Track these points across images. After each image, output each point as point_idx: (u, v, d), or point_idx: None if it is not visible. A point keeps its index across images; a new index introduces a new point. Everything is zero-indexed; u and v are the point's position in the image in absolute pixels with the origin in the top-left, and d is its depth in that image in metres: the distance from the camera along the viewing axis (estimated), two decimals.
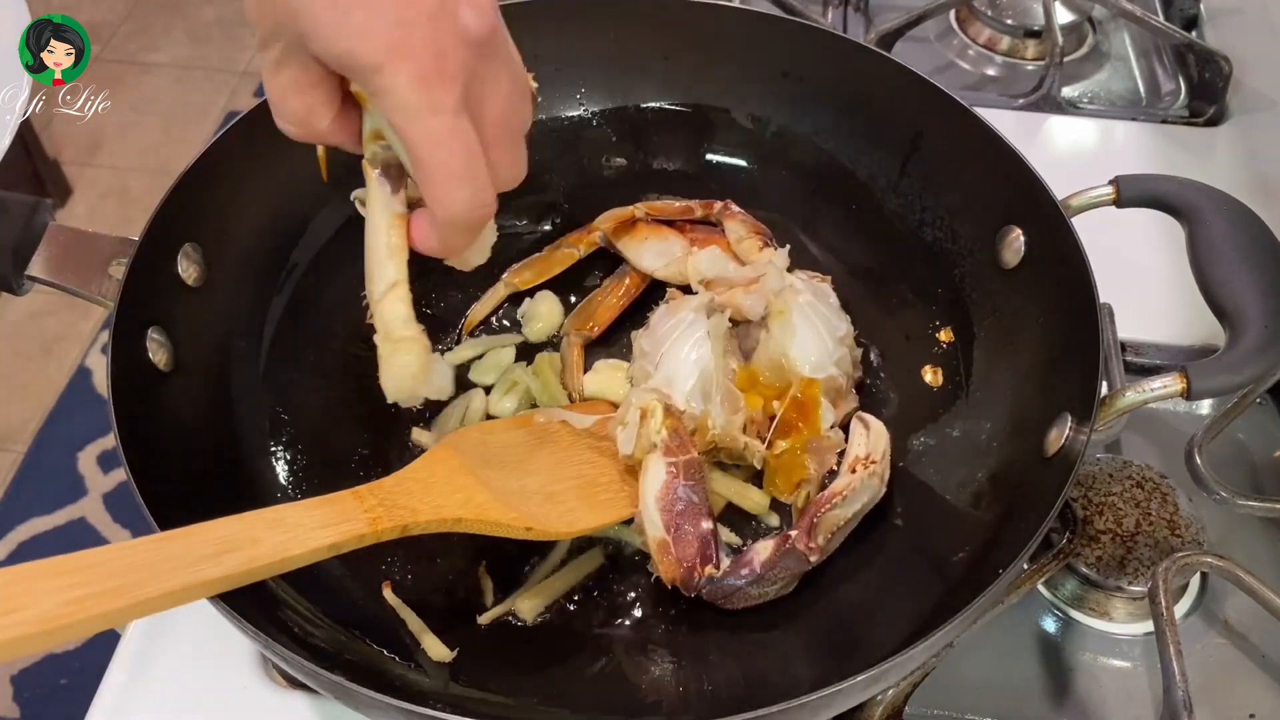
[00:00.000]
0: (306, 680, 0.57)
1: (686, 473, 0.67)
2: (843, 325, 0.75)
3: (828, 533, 0.65)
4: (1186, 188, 0.68)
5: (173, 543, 0.50)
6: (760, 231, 0.82)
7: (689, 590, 0.66)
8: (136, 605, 0.47)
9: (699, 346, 0.71)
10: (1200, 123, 1.05)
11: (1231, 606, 0.73)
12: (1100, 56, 1.14)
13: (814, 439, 0.70)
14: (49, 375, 2.10)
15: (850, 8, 1.16)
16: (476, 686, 0.64)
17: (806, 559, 0.65)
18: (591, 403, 0.76)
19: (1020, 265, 0.72)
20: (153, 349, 0.67)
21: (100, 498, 1.91)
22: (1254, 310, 0.62)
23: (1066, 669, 0.71)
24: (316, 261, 0.80)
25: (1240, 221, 0.66)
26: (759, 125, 0.87)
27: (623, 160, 0.89)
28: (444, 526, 0.60)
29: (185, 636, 0.70)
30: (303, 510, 0.55)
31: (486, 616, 0.68)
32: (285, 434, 0.74)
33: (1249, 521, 0.77)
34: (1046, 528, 0.58)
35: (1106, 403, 0.62)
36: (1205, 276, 0.65)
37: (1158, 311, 0.85)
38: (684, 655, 0.67)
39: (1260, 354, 0.61)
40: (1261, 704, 0.69)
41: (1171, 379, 0.61)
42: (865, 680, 0.53)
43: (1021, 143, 0.73)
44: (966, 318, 0.77)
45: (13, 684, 1.72)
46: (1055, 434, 0.64)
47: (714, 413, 0.70)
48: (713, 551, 0.65)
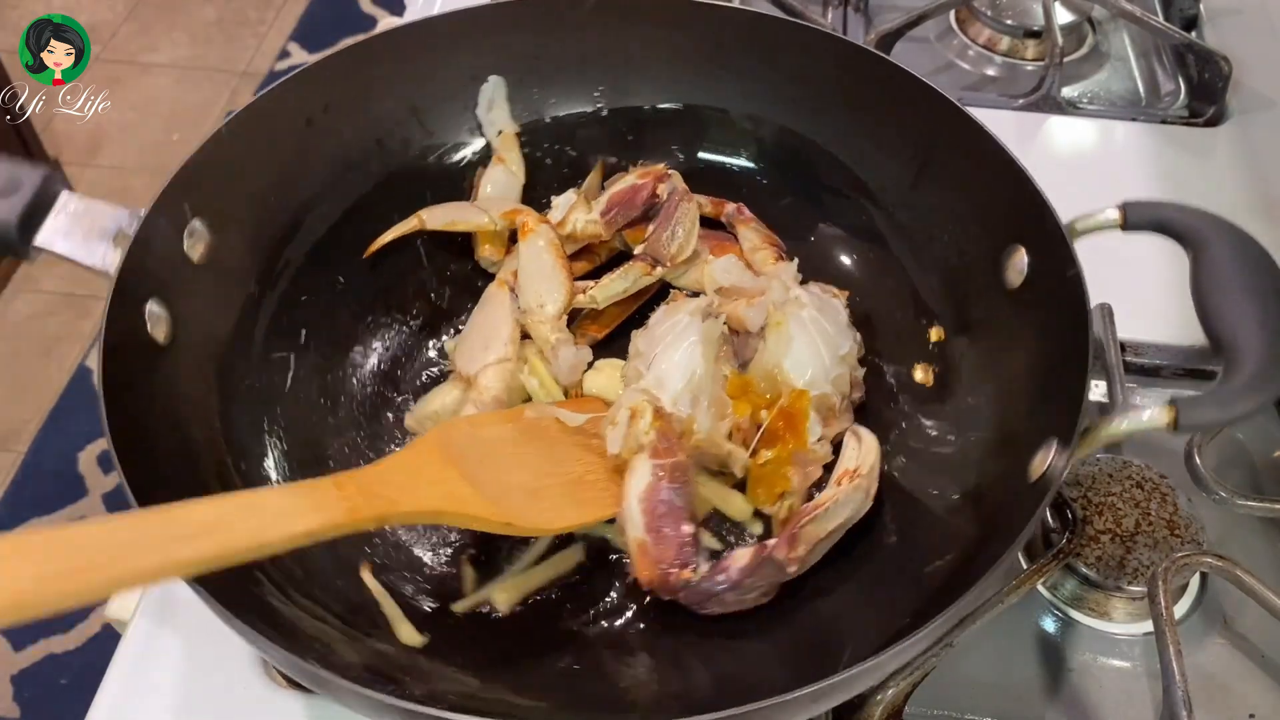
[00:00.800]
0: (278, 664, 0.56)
1: (673, 475, 0.66)
2: (846, 343, 0.74)
3: (809, 544, 0.65)
4: (1193, 216, 0.66)
5: (147, 522, 0.50)
6: (774, 242, 0.81)
7: (665, 593, 0.66)
8: (106, 584, 0.47)
9: (691, 350, 0.71)
10: (1200, 123, 1.05)
11: (1231, 607, 0.73)
12: (1100, 57, 1.15)
13: (800, 451, 0.70)
14: (49, 375, 2.10)
15: (850, 8, 1.16)
16: (447, 672, 0.65)
17: (785, 569, 0.65)
18: (586, 400, 0.76)
19: (1023, 286, 0.71)
20: (151, 321, 0.67)
21: (100, 498, 1.91)
22: (1251, 345, 0.60)
23: (1066, 669, 0.71)
24: (318, 249, 0.80)
25: (1246, 253, 0.64)
26: (773, 130, 0.86)
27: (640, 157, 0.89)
28: (423, 519, 0.61)
29: (185, 637, 0.70)
30: (280, 495, 0.56)
31: (461, 605, 0.68)
32: (279, 421, 0.75)
33: (1248, 521, 0.77)
34: (1018, 549, 0.57)
35: (1091, 432, 0.60)
36: (1205, 307, 0.63)
37: (1158, 311, 0.85)
38: (657, 656, 0.67)
39: (1252, 391, 0.59)
40: (1261, 704, 0.69)
41: (1160, 411, 0.59)
42: (823, 689, 0.52)
43: (1021, 143, 0.73)
44: (967, 335, 0.76)
45: (13, 684, 1.72)
46: (1040, 458, 0.62)
47: (699, 417, 0.70)
48: (692, 555, 0.65)
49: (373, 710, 0.53)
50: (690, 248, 0.78)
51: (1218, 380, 0.61)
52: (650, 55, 0.86)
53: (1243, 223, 0.65)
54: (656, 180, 0.80)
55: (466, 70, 0.85)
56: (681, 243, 0.78)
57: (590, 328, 0.81)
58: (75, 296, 2.19)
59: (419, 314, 0.83)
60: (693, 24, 0.84)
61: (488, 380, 0.74)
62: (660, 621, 0.68)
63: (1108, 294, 0.72)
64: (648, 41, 0.85)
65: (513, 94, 0.86)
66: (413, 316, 0.83)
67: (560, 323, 0.77)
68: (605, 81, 0.87)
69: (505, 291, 0.78)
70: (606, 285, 0.77)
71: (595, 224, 0.79)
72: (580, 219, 0.79)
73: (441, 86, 0.85)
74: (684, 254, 0.78)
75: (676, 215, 0.78)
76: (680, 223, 0.78)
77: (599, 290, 0.77)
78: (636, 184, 0.80)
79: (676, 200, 0.78)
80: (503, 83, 0.86)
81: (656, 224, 0.78)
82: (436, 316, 0.83)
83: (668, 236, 0.78)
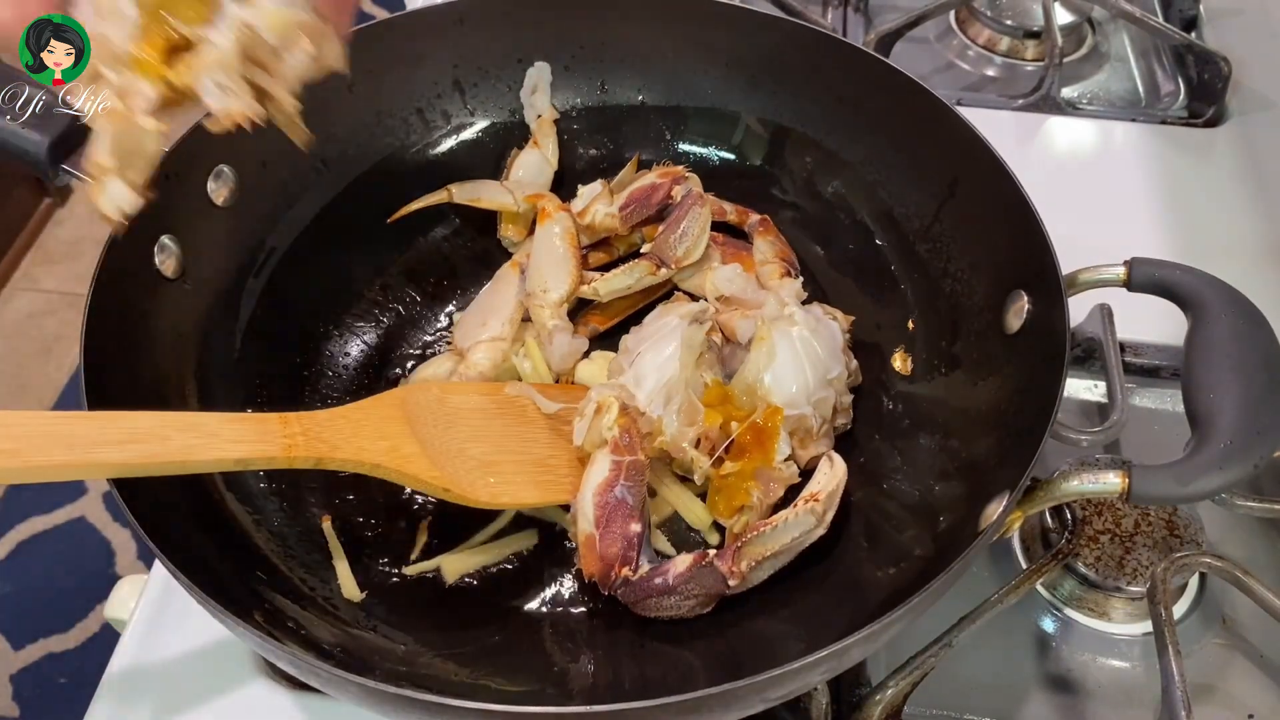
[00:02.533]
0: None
1: (628, 473, 0.67)
2: (836, 368, 0.73)
3: (751, 560, 0.64)
4: (1199, 281, 0.65)
5: (85, 422, 0.52)
6: (786, 258, 0.81)
7: (605, 588, 0.66)
8: (29, 469, 0.49)
9: (672, 353, 0.72)
10: (1199, 124, 1.05)
11: (1230, 607, 0.73)
12: (1099, 57, 1.15)
13: (764, 469, 0.69)
14: (49, 375, 2.10)
15: (850, 8, 1.16)
16: (380, 627, 0.66)
17: (725, 582, 0.64)
18: (571, 388, 0.77)
19: (1020, 331, 0.70)
20: (161, 257, 0.70)
21: (99, 497, 1.91)
22: (1224, 422, 0.59)
23: (1065, 669, 0.71)
24: (334, 208, 0.83)
25: (1245, 327, 0.63)
26: (808, 146, 0.86)
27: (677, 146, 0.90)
28: (361, 469, 0.62)
29: (185, 636, 0.71)
30: (222, 421, 0.57)
31: (411, 569, 0.70)
32: (262, 391, 0.76)
33: (1247, 522, 0.77)
34: (943, 592, 0.56)
35: (1044, 488, 0.60)
36: (1190, 377, 0.63)
37: (1158, 311, 0.85)
38: (592, 647, 0.68)
39: (1214, 470, 0.58)
40: (1260, 704, 0.69)
41: (1113, 477, 0.58)
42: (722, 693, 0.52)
43: (1021, 144, 0.73)
44: (952, 372, 0.75)
45: (12, 683, 1.72)
46: (992, 508, 0.61)
47: (668, 419, 0.70)
48: (634, 554, 0.65)
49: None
50: (697, 252, 0.79)
51: (1184, 453, 0.60)
52: (696, 58, 0.87)
53: (1242, 223, 0.65)
54: (673, 181, 0.81)
55: (513, 52, 0.87)
56: (689, 246, 0.78)
57: (595, 318, 0.81)
58: (75, 296, 2.19)
59: (435, 282, 0.85)
60: (756, 36, 0.85)
61: (478, 356, 0.75)
62: (604, 616, 0.69)
63: (1107, 294, 0.72)
64: (692, 43, 0.87)
65: (556, 81, 0.88)
66: (430, 284, 0.85)
67: (561, 310, 0.78)
68: (647, 77, 0.89)
69: (516, 273, 0.80)
70: (610, 279, 0.78)
71: (613, 218, 0.80)
72: (600, 211, 0.81)
73: (488, 64, 0.87)
74: (690, 258, 0.78)
75: (687, 218, 0.78)
76: (689, 227, 0.78)
77: (602, 283, 0.78)
78: (655, 183, 0.81)
79: (689, 204, 0.79)
80: (548, 68, 0.88)
81: (666, 225, 0.79)
82: (451, 287, 0.85)
83: (675, 238, 0.78)
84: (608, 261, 0.83)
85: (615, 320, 0.81)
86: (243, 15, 0.50)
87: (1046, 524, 0.75)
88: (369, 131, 0.85)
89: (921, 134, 0.80)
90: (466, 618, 0.69)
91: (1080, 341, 0.79)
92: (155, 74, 0.50)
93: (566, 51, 0.88)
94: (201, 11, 0.50)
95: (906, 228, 0.82)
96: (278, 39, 0.51)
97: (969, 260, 0.77)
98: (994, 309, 0.72)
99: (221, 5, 0.50)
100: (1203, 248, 0.92)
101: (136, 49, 0.49)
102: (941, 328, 0.77)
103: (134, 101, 0.50)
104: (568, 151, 0.89)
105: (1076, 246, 0.69)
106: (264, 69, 0.52)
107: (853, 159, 0.84)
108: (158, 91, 0.50)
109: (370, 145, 0.85)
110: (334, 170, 0.83)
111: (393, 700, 0.53)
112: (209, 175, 0.74)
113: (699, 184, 0.82)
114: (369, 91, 0.83)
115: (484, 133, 0.89)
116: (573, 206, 0.81)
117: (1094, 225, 0.81)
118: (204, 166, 0.74)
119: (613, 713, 0.52)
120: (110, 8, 0.48)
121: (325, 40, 0.53)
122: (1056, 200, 0.72)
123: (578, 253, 0.80)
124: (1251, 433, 0.59)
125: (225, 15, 0.50)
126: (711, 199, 0.82)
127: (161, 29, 0.49)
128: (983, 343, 0.73)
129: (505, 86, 0.88)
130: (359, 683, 0.52)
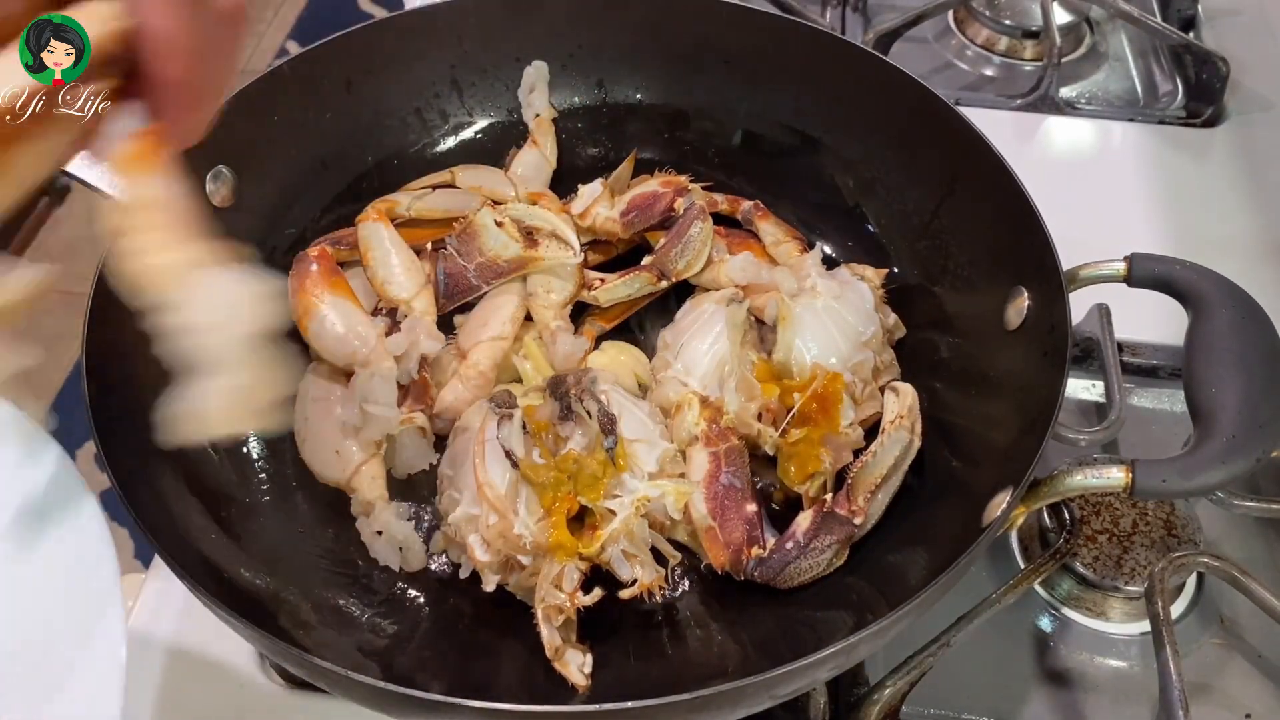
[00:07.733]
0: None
1: (728, 459, 0.68)
2: (870, 328, 0.74)
3: (865, 492, 0.66)
4: (1199, 276, 0.66)
5: None
6: (795, 235, 0.82)
7: (739, 574, 0.66)
8: None
9: (718, 336, 0.73)
10: (1198, 123, 1.05)
11: (1228, 606, 0.73)
12: (1098, 57, 1.15)
13: (831, 434, 0.70)
14: (49, 375, 2.10)
15: (848, 8, 1.17)
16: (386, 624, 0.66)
17: (850, 522, 0.65)
18: None
19: (1019, 328, 0.70)
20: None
21: (98, 496, 1.91)
22: (1227, 418, 0.60)
23: (1063, 668, 0.71)
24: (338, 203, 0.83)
25: (1246, 322, 0.64)
26: (807, 144, 0.86)
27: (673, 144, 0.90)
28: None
29: (185, 637, 0.71)
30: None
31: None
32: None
33: (1245, 521, 0.77)
34: (950, 586, 0.57)
35: (1047, 483, 0.61)
36: (1191, 372, 0.63)
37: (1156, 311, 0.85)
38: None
39: (1218, 464, 0.58)
40: (1258, 703, 0.69)
41: (1117, 471, 0.59)
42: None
43: (1019, 143, 0.73)
44: (963, 373, 0.75)
45: None
46: (996, 503, 0.61)
47: (728, 398, 0.71)
48: (759, 533, 0.66)
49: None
50: (698, 265, 0.79)
51: (1187, 447, 0.60)
52: (694, 57, 0.87)
53: (1240, 223, 0.65)
54: (676, 192, 0.81)
55: (512, 52, 0.88)
56: (690, 260, 0.78)
57: (599, 319, 0.81)
58: (74, 295, 2.19)
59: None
60: (755, 35, 0.85)
61: (478, 356, 0.75)
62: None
63: (1106, 294, 0.72)
64: (691, 42, 0.87)
65: (554, 80, 0.88)
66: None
67: (564, 311, 0.78)
68: (645, 76, 0.89)
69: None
70: (611, 288, 0.78)
71: (614, 222, 0.80)
72: (601, 214, 0.80)
73: (486, 63, 0.88)
74: (691, 270, 0.79)
75: (689, 234, 0.78)
76: (690, 242, 0.78)
77: (603, 292, 0.78)
78: (658, 191, 0.81)
79: (691, 218, 0.79)
80: (545, 67, 0.88)
81: (668, 238, 0.79)
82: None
83: (676, 253, 0.78)
84: (605, 260, 0.83)
85: (616, 321, 0.81)
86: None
87: (1044, 523, 0.75)
88: (368, 131, 0.85)
89: (921, 131, 0.80)
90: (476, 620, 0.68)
91: (1078, 341, 0.79)
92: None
93: (564, 50, 0.88)
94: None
95: (906, 225, 0.82)
96: None
97: (968, 257, 0.77)
98: (994, 306, 0.72)
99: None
100: (1201, 248, 0.91)
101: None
102: (941, 325, 0.77)
103: None
104: (566, 150, 0.89)
105: (1075, 247, 0.70)
106: None
107: (852, 157, 0.85)
108: None
109: (369, 145, 0.85)
110: (333, 170, 0.83)
111: (394, 699, 0.53)
112: (208, 176, 0.74)
113: (702, 195, 0.82)
114: (368, 91, 0.84)
115: (482, 132, 0.89)
116: (572, 207, 0.81)
117: (1092, 225, 0.81)
118: (203, 167, 0.74)
119: (618, 711, 0.52)
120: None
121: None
122: (1055, 201, 0.72)
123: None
124: (1254, 427, 0.59)
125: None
126: (700, 190, 0.82)
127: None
128: (982, 340, 0.73)
129: (503, 86, 0.88)
130: (361, 681, 0.52)
